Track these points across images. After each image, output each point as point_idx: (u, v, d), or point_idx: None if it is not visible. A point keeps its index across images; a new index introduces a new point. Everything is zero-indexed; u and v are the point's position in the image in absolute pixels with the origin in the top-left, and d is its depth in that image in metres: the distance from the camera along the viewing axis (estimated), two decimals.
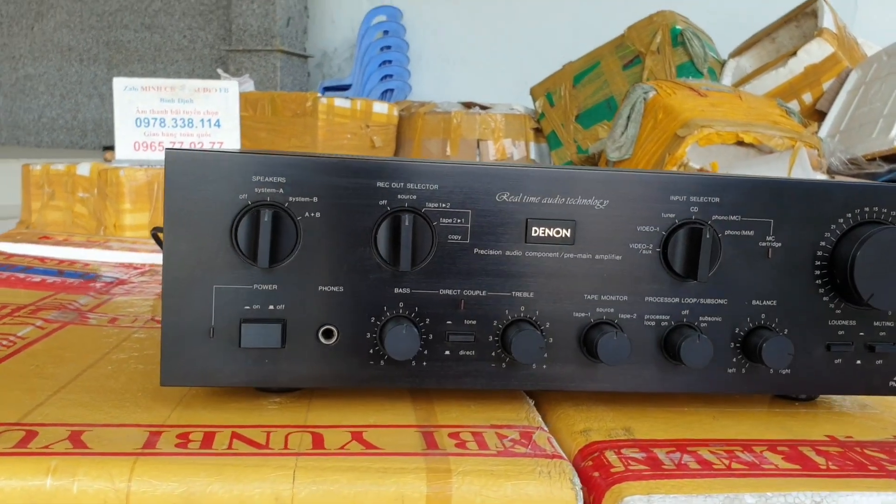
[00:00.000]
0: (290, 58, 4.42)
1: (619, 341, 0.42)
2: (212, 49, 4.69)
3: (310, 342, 0.42)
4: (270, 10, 4.32)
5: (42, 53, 5.08)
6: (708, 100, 2.39)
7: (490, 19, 4.42)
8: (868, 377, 0.46)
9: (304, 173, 0.41)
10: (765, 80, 2.88)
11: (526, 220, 0.43)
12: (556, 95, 3.30)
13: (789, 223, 0.44)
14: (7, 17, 5.10)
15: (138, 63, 4.88)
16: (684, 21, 3.10)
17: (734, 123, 2.28)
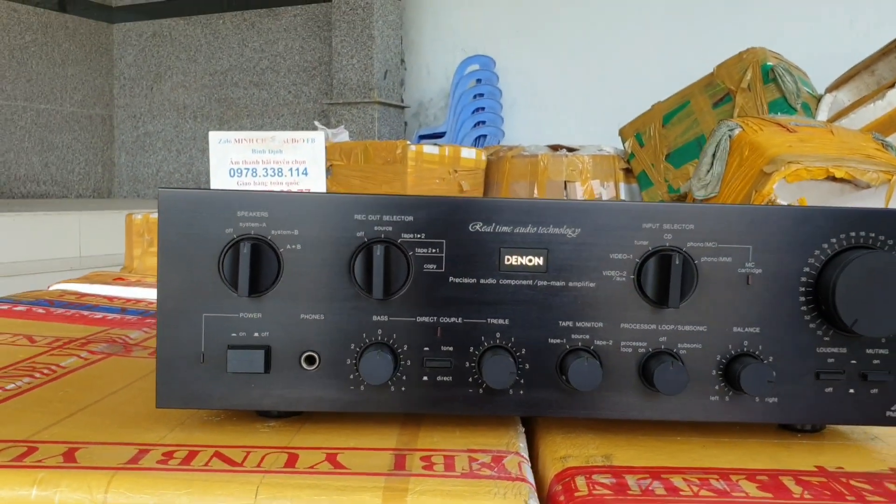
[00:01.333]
0: (387, 108, 4.56)
1: (591, 367, 0.43)
2: (315, 103, 4.88)
3: (293, 368, 0.44)
4: (368, 65, 4.47)
5: (160, 112, 5.40)
6: (796, 135, 2.32)
7: (581, 63, 4.44)
8: (863, 406, 0.45)
9: (286, 208, 0.44)
10: (862, 113, 2.78)
11: (499, 248, 0.44)
12: (646, 135, 3.28)
13: (769, 249, 0.44)
14: (129, 80, 5.45)
15: (247, 118, 5.12)
16: (776, 57, 3.04)
17: (824, 158, 2.21)
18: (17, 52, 4.80)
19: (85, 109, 5.28)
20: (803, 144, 2.33)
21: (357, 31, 4.48)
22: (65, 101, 5.12)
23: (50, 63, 4.99)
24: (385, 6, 4.52)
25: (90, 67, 5.28)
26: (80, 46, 5.20)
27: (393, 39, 4.64)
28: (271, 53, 4.96)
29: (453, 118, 4.37)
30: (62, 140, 5.10)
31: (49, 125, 5.01)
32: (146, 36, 5.35)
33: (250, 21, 4.99)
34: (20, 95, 4.82)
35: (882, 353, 0.44)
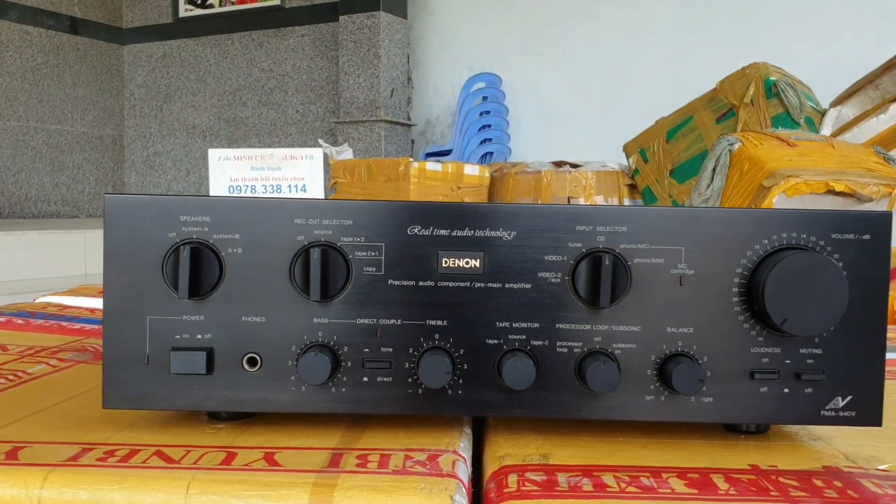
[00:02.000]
0: (393, 127, 4.59)
1: (524, 366, 0.44)
2: (322, 122, 4.92)
3: (235, 369, 0.45)
4: (375, 83, 4.51)
5: (169, 132, 5.45)
6: (796, 149, 2.33)
7: (588, 80, 4.46)
8: (798, 406, 0.45)
9: (227, 213, 0.45)
10: (865, 127, 2.78)
11: (437, 251, 0.45)
12: (650, 151, 3.28)
13: (701, 250, 0.45)
14: (139, 101, 5.52)
15: (256, 137, 5.17)
16: (778, 72, 3.04)
17: (823, 172, 2.21)
18: (28, 74, 4.87)
19: (95, 130, 5.34)
20: (803, 158, 2.34)
21: (363, 51, 4.52)
22: (76, 121, 5.18)
23: (61, 84, 5.06)
24: (391, 25, 4.56)
25: (101, 88, 5.35)
26: (90, 68, 5.26)
27: (399, 58, 4.67)
28: (279, 73, 5.01)
29: (459, 136, 4.39)
30: (73, 160, 5.16)
31: (60, 146, 5.07)
32: (156, 57, 5.42)
33: (258, 41, 5.05)
34: (32, 116, 4.88)
35: (816, 353, 0.45)
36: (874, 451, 0.47)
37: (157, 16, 5.37)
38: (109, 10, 5.38)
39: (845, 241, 0.44)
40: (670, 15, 4.30)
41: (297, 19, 4.91)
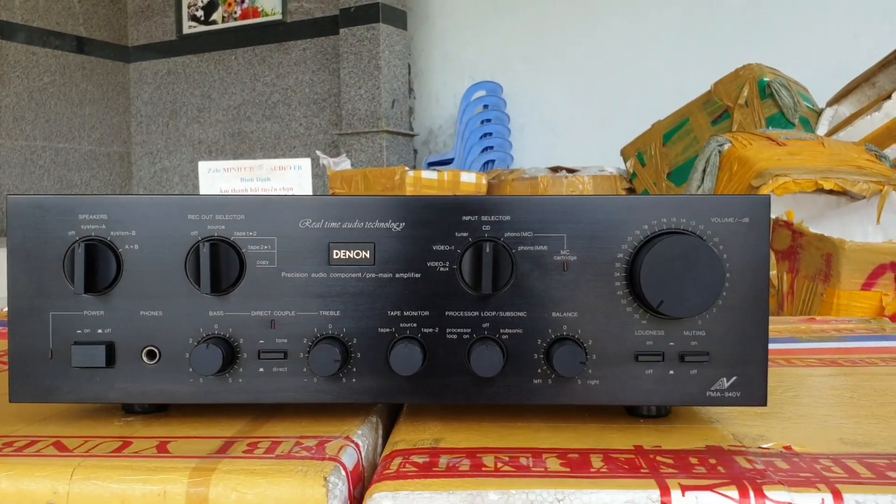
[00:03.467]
0: (395, 137, 4.61)
1: (410, 352, 0.45)
2: (325, 134, 4.95)
3: (135, 362, 0.47)
4: (376, 95, 4.54)
5: (176, 147, 5.51)
6: (786, 149, 2.33)
7: (589, 86, 4.47)
8: (683, 387, 0.46)
9: (124, 210, 0.46)
10: (859, 125, 2.78)
11: (328, 244, 0.46)
12: (647, 154, 3.28)
13: (583, 237, 0.46)
14: (146, 117, 5.58)
15: (260, 151, 5.21)
16: (773, 72, 3.04)
17: (812, 171, 2.21)
18: (35, 94, 4.94)
19: (103, 147, 5.40)
20: (792, 157, 2.34)
21: (364, 63, 4.55)
22: (83, 139, 5.25)
23: (68, 103, 5.13)
24: (391, 37, 4.59)
25: (107, 106, 5.41)
26: (97, 86, 5.33)
27: (400, 69, 4.70)
28: (282, 87, 5.05)
29: (461, 144, 4.41)
30: (81, 178, 5.22)
31: (68, 163, 5.13)
32: (161, 74, 5.48)
33: (261, 56, 5.09)
34: (39, 135, 4.94)
35: (699, 335, 0.46)
36: (764, 431, 0.47)
37: (162, 33, 5.43)
38: (115, 28, 5.45)
39: (725, 225, 0.45)
40: (670, 21, 4.31)
41: (298, 33, 4.95)
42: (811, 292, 1.98)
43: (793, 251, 2.02)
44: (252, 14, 5.05)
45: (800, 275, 2.01)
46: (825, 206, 2.37)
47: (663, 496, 0.38)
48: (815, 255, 1.94)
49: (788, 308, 2.04)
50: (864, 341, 0.80)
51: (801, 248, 2.00)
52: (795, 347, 0.77)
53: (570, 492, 0.38)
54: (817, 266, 1.93)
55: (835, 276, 1.91)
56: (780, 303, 2.09)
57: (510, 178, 3.23)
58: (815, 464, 0.42)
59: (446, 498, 0.39)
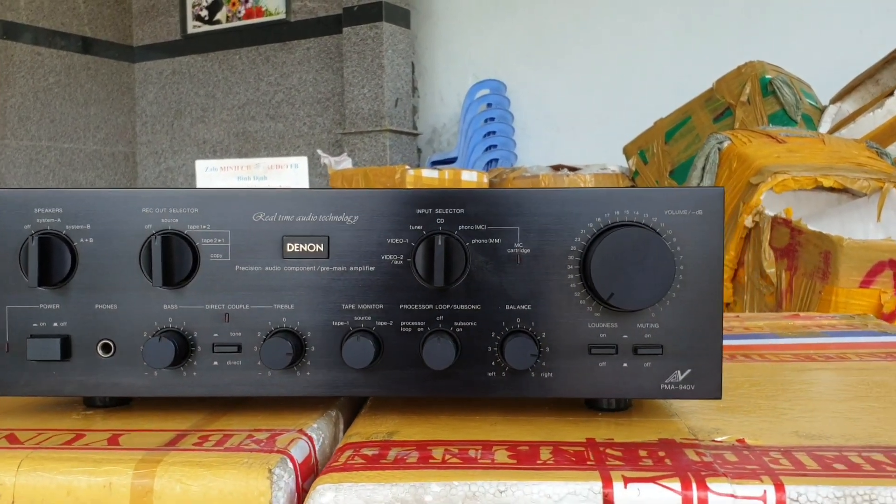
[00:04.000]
0: (398, 136, 4.62)
1: (362, 345, 0.45)
2: (329, 133, 4.96)
3: (91, 355, 0.47)
4: (379, 94, 4.54)
5: (181, 147, 5.53)
6: (785, 146, 2.32)
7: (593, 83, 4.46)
8: (637, 380, 0.46)
9: (79, 204, 0.46)
10: (861, 123, 2.77)
11: (282, 237, 0.46)
12: (649, 152, 3.28)
13: (536, 230, 0.46)
14: (151, 118, 5.60)
15: (265, 150, 5.22)
16: (775, 69, 3.03)
17: (812, 168, 2.20)
18: (41, 94, 4.96)
19: (108, 147, 5.42)
20: (792, 155, 2.33)
21: (367, 62, 4.55)
22: (88, 139, 5.27)
23: (73, 103, 5.15)
24: (394, 36, 4.60)
25: (112, 106, 5.43)
26: (102, 86, 5.35)
27: (403, 68, 4.70)
28: (286, 86, 5.06)
29: (464, 143, 4.41)
30: (86, 178, 5.24)
31: (73, 163, 5.15)
32: (166, 74, 5.49)
33: (265, 55, 5.10)
34: (44, 136, 4.97)
35: (653, 328, 0.46)
36: (721, 425, 0.47)
37: (167, 33, 5.45)
38: (119, 28, 5.47)
39: (678, 217, 0.45)
40: (672, 18, 4.29)
41: (302, 32, 4.96)
42: (809, 290, 1.97)
43: (791, 249, 2.01)
44: (256, 13, 5.06)
45: (798, 272, 2.00)
46: (826, 203, 2.36)
47: (605, 488, 0.38)
48: (814, 253, 1.93)
49: (787, 306, 2.04)
50: (844, 337, 0.80)
51: (799, 245, 1.99)
52: (773, 343, 0.77)
53: (512, 483, 0.38)
54: (815, 264, 1.93)
55: (833, 273, 1.90)
56: (778, 301, 2.08)
57: (512, 177, 3.23)
58: (765, 456, 0.41)
59: (389, 490, 0.39)
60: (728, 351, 0.72)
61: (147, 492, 0.39)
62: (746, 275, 2.20)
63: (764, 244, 2.10)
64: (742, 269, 2.23)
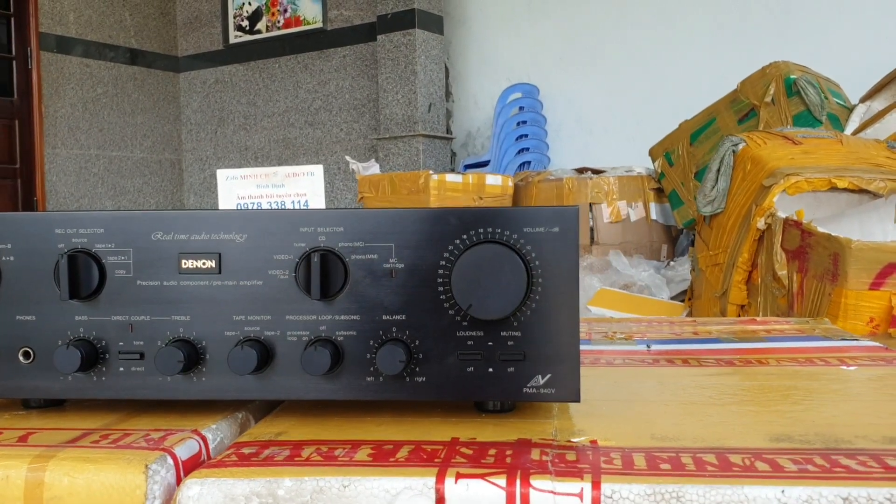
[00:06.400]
0: (432, 140, 4.67)
1: (245, 354, 0.49)
2: (365, 139, 5.04)
3: (13, 361, 0.52)
4: (413, 99, 4.60)
5: (224, 154, 5.66)
6: (801, 147, 2.30)
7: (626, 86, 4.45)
8: (502, 384, 0.50)
9: (1, 225, 0.52)
10: (888, 122, 2.73)
11: (178, 254, 0.51)
12: (675, 154, 3.27)
13: (409, 246, 0.49)
14: (195, 126, 5.75)
15: (304, 156, 5.32)
16: (800, 69, 3.00)
17: (826, 169, 2.18)
18: (89, 105, 5.14)
19: (154, 155, 5.58)
20: (806, 156, 2.32)
21: (401, 68, 4.62)
22: (135, 147, 5.43)
23: (120, 113, 5.32)
24: (427, 42, 4.65)
25: (158, 115, 5.59)
26: (148, 96, 5.51)
27: (436, 73, 4.76)
28: (324, 93, 5.15)
29: (497, 146, 4.44)
30: (133, 185, 5.41)
31: (121, 171, 5.32)
32: (209, 83, 5.63)
33: (303, 63, 5.20)
34: (93, 144, 5.14)
35: (515, 336, 0.49)
36: (586, 426, 0.50)
37: (210, 43, 5.59)
38: (165, 40, 5.63)
39: (536, 234, 0.49)
40: (705, 19, 4.27)
41: (338, 40, 5.05)
42: (820, 293, 1.96)
43: (802, 251, 2.00)
44: (294, 23, 5.16)
45: (809, 275, 1.99)
46: (846, 204, 2.34)
47: (438, 483, 0.42)
48: (823, 255, 1.92)
49: (798, 308, 2.03)
50: (785, 342, 0.82)
51: (809, 247, 1.98)
52: (709, 348, 0.79)
53: (357, 479, 0.42)
54: (825, 266, 1.92)
55: (842, 275, 1.89)
56: (790, 303, 2.07)
57: (536, 180, 3.25)
58: (602, 457, 0.44)
59: (247, 484, 0.43)
60: (656, 356, 0.74)
61: (38, 484, 0.44)
62: (760, 277, 2.20)
63: (776, 246, 2.10)
64: (756, 272, 2.23)
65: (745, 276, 2.26)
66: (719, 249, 2.37)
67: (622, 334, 0.87)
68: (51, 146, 4.91)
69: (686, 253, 3.46)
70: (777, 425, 0.50)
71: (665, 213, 3.29)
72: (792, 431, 0.48)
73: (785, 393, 0.59)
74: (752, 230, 2.19)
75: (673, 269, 2.87)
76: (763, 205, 2.16)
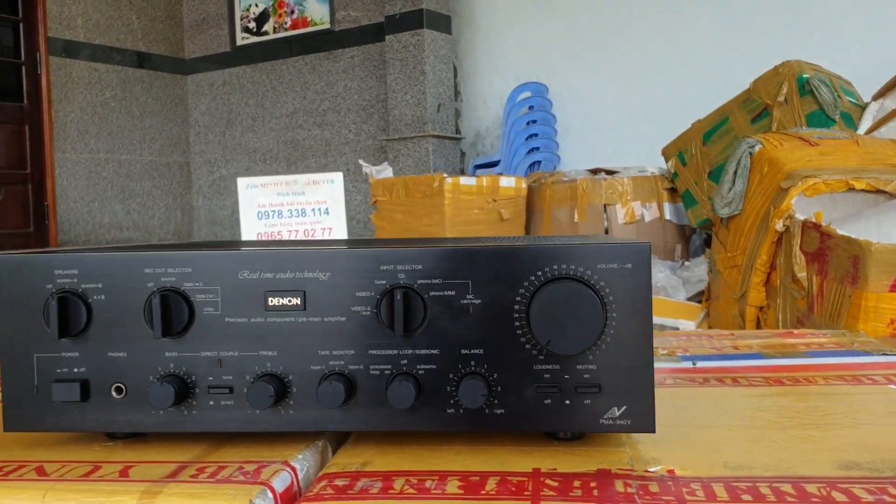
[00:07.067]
0: (441, 141, 4.69)
1: (334, 388, 0.51)
2: (374, 140, 5.06)
3: (106, 396, 0.54)
4: (422, 100, 4.62)
5: (232, 156, 5.68)
6: (818, 149, 2.32)
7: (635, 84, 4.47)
8: (578, 416, 0.52)
9: (92, 266, 0.54)
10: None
11: (264, 292, 0.53)
12: (688, 154, 3.29)
13: (486, 282, 0.52)
14: (203, 128, 5.77)
15: (312, 158, 5.34)
16: (813, 68, 3.01)
17: (843, 171, 2.20)
18: (98, 108, 5.16)
19: (163, 157, 5.60)
20: (823, 158, 2.33)
21: (409, 69, 4.63)
22: (144, 150, 5.46)
23: (129, 116, 5.34)
24: (436, 42, 4.67)
25: (166, 118, 5.62)
26: (156, 99, 5.54)
27: (445, 73, 4.77)
28: (332, 94, 5.17)
29: (507, 146, 4.46)
30: (142, 188, 5.43)
31: (130, 174, 5.34)
32: (217, 85, 5.65)
33: (311, 65, 5.22)
34: (102, 148, 5.16)
35: (591, 369, 0.51)
36: (659, 455, 0.52)
37: (217, 45, 5.61)
38: (172, 42, 5.65)
39: (610, 270, 0.51)
40: (714, 16, 4.28)
41: (346, 41, 5.07)
42: (840, 294, 1.98)
43: (821, 253, 2.02)
44: (302, 24, 5.18)
45: (829, 277, 2.01)
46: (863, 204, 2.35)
47: None
48: (843, 258, 1.94)
49: (818, 310, 2.05)
50: (826, 357, 0.84)
51: (829, 249, 2.00)
52: (754, 365, 0.81)
53: None
54: (845, 268, 1.94)
55: (862, 278, 1.91)
56: (809, 305, 2.09)
57: (550, 181, 3.27)
58: (684, 488, 0.47)
59: None
60: (704, 374, 0.77)
61: None
62: (779, 279, 2.21)
63: (795, 248, 2.11)
64: (775, 273, 2.25)
65: (763, 278, 2.28)
66: (737, 251, 2.39)
67: (664, 349, 0.89)
68: (60, 150, 4.93)
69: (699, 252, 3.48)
70: (843, 452, 0.52)
71: (678, 212, 3.31)
72: (860, 459, 0.50)
73: (842, 415, 0.61)
74: (771, 232, 2.20)
75: (689, 270, 2.89)
76: (781, 207, 2.18)
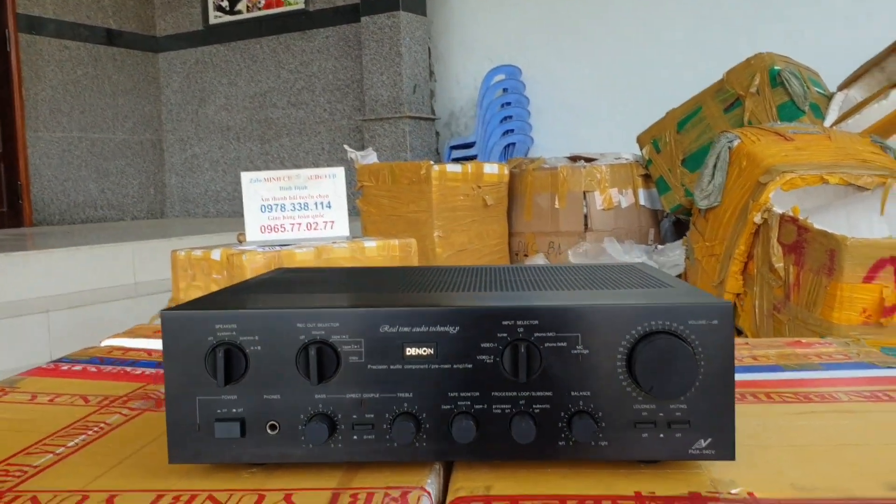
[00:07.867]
0: (417, 122, 4.75)
1: (466, 425, 0.61)
2: (349, 120, 5.10)
3: (261, 433, 0.63)
4: (398, 81, 4.67)
5: (206, 134, 5.68)
6: (793, 144, 2.45)
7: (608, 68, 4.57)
8: (671, 446, 0.62)
9: (249, 321, 0.62)
10: (866, 114, 2.88)
11: (402, 343, 0.62)
12: (662, 142, 3.41)
13: (593, 334, 0.61)
14: (175, 105, 5.75)
15: (286, 137, 5.37)
16: (784, 60, 3.14)
17: (818, 166, 2.33)
18: (70, 87, 5.11)
19: (136, 136, 5.58)
20: (799, 153, 2.46)
21: (385, 49, 4.68)
22: (117, 129, 5.43)
23: (101, 94, 5.30)
24: (411, 23, 4.71)
25: (139, 96, 5.58)
26: (128, 77, 5.50)
27: (420, 55, 4.83)
28: (306, 74, 5.19)
29: (482, 128, 4.54)
30: (116, 166, 5.41)
31: (103, 153, 5.32)
32: (190, 63, 5.63)
33: (285, 44, 5.23)
34: (75, 127, 5.13)
35: (682, 408, 0.61)
36: (734, 477, 0.63)
37: (189, 23, 5.58)
38: (143, 20, 5.60)
39: (699, 326, 0.60)
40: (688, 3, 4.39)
41: (321, 21, 5.08)
42: (816, 284, 2.11)
43: (798, 245, 2.15)
44: (276, 3, 5.18)
45: (805, 268, 2.14)
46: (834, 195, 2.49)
47: None
48: (820, 250, 2.07)
49: (794, 298, 2.18)
50: (839, 370, 0.95)
51: (806, 242, 2.13)
52: (778, 378, 0.92)
53: None
54: (821, 260, 2.07)
55: (838, 270, 2.04)
56: (786, 293, 2.23)
57: (531, 168, 3.37)
58: None
59: None
60: (740, 388, 0.87)
61: None
62: (756, 268, 2.35)
63: (773, 240, 2.24)
64: (752, 262, 2.38)
65: (741, 267, 2.41)
66: (715, 241, 2.51)
67: None
68: (32, 129, 4.89)
69: (668, 235, 3.61)
70: (890, 474, 0.62)
71: (652, 198, 3.44)
72: None
73: (872, 435, 0.72)
74: (749, 224, 2.33)
75: (664, 255, 3.02)
76: (759, 200, 2.31)
